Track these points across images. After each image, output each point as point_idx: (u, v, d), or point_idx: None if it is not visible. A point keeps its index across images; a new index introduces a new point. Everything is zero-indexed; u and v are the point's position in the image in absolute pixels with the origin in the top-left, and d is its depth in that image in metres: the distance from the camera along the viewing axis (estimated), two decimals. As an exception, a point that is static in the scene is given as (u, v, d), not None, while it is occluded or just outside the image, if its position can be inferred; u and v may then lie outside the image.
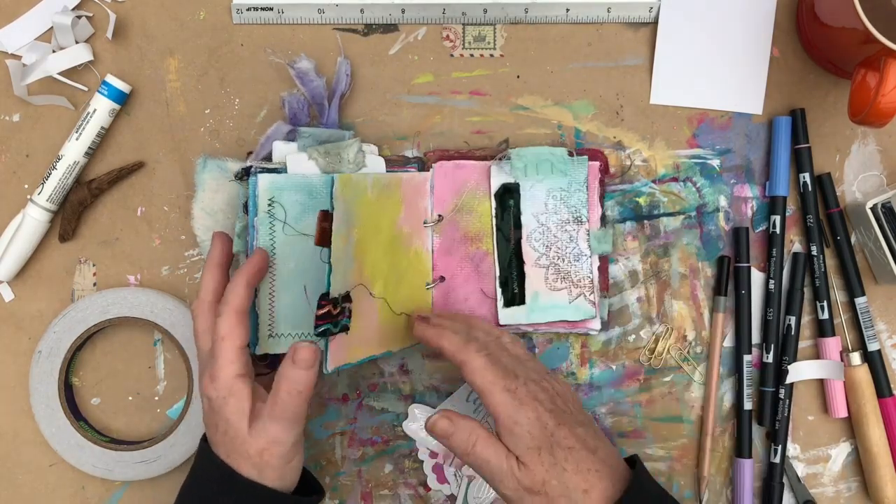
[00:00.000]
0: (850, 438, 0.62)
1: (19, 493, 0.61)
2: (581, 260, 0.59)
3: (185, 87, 0.61)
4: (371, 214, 0.55)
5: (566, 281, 0.59)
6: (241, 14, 0.60)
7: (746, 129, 0.61)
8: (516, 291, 0.59)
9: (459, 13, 0.60)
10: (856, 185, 0.61)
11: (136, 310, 0.60)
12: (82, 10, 0.60)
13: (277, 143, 0.59)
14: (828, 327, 0.60)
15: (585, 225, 0.59)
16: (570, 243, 0.59)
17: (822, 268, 0.60)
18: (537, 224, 0.59)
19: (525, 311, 0.59)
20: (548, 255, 0.59)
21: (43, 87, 0.60)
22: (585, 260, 0.59)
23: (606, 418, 0.61)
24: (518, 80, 0.61)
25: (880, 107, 0.50)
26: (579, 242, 0.59)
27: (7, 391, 0.61)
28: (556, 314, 0.59)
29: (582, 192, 0.59)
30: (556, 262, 0.59)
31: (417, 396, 0.61)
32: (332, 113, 0.59)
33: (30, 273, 0.61)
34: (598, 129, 0.61)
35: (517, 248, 0.59)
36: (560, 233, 0.59)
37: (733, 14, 0.60)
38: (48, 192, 0.59)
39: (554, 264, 0.59)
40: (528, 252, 0.59)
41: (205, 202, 0.60)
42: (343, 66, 0.59)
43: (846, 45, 0.55)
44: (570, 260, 0.59)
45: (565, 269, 0.59)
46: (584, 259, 0.59)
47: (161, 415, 0.62)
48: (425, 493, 0.61)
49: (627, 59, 0.61)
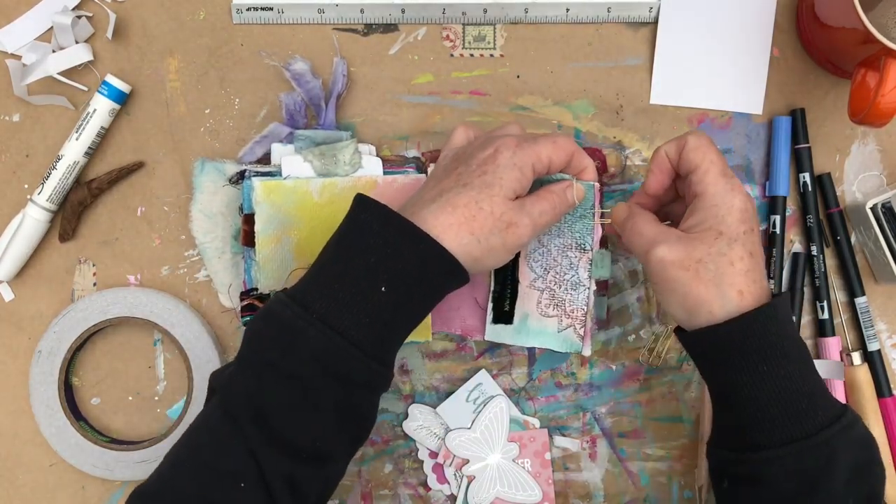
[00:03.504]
0: (850, 438, 0.62)
1: (19, 493, 0.61)
2: (578, 290, 0.57)
3: (185, 87, 0.61)
4: (322, 217, 0.57)
5: (559, 309, 0.57)
6: (240, 14, 0.60)
7: (746, 129, 0.61)
8: (506, 310, 0.58)
9: (459, 13, 0.60)
10: (856, 185, 0.61)
11: (136, 310, 0.60)
12: (82, 10, 0.60)
13: (276, 146, 0.59)
14: (828, 327, 0.60)
15: (588, 254, 0.56)
16: (569, 270, 0.57)
17: (822, 268, 0.60)
18: (538, 244, 0.57)
19: (511, 332, 0.58)
20: (544, 279, 0.57)
21: (43, 87, 0.60)
22: (583, 290, 0.57)
23: (606, 418, 0.61)
24: (518, 80, 0.61)
25: (880, 107, 0.50)
26: (579, 271, 0.57)
27: (7, 391, 0.61)
28: (542, 341, 0.57)
29: (588, 218, 0.56)
30: (553, 286, 0.57)
31: (417, 396, 0.61)
32: (329, 114, 0.59)
33: (30, 273, 0.61)
34: (598, 129, 0.61)
35: (514, 265, 0.57)
36: (560, 257, 0.57)
37: (733, 14, 0.60)
38: (48, 192, 0.59)
39: (549, 289, 0.57)
40: (525, 272, 0.57)
41: (203, 204, 0.60)
42: (339, 67, 0.59)
43: (846, 45, 0.55)
44: (566, 287, 0.57)
45: (560, 296, 0.57)
46: (582, 290, 0.57)
47: (161, 415, 0.62)
48: (425, 493, 0.61)
49: (627, 59, 0.61)
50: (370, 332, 0.45)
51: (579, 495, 0.61)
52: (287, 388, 0.45)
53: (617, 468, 0.61)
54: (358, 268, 0.45)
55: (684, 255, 0.47)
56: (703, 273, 0.46)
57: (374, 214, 0.46)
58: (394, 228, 0.46)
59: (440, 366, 0.61)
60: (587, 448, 0.61)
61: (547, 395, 0.61)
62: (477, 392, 0.61)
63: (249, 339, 0.46)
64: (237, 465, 0.44)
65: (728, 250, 0.47)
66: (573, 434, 0.61)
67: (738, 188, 0.48)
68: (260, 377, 0.45)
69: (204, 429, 0.47)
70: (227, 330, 0.61)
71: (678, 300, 0.47)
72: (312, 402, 0.45)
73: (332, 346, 0.44)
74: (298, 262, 0.57)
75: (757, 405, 0.46)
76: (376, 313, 0.45)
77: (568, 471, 0.61)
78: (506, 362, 0.61)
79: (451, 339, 0.61)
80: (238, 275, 0.60)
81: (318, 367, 0.44)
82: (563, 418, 0.61)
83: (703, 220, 0.48)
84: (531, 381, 0.61)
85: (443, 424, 0.61)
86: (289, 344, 0.44)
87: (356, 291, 0.45)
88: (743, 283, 0.46)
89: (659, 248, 0.48)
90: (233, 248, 0.60)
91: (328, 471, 0.48)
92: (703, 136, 0.50)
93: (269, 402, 0.45)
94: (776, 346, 0.46)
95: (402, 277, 0.46)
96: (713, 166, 0.48)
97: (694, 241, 0.47)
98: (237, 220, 0.59)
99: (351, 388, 0.45)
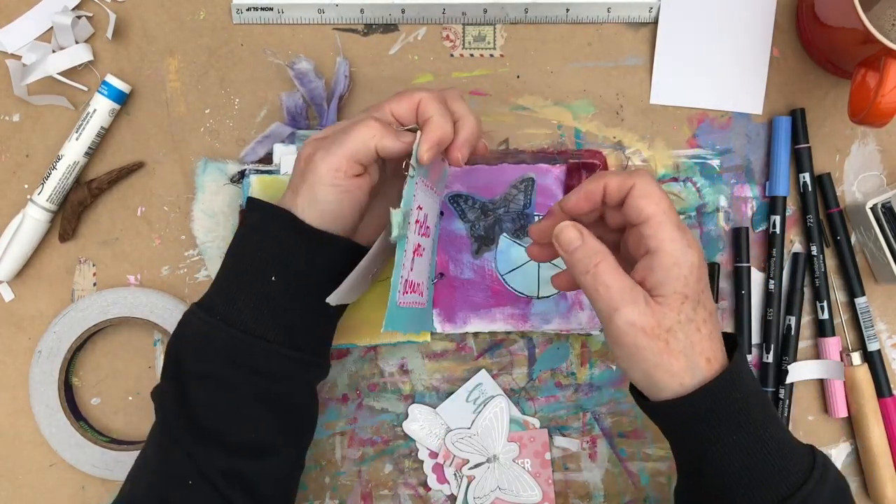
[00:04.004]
0: (850, 438, 0.62)
1: (19, 493, 0.61)
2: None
3: (185, 87, 0.61)
4: None
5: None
6: (241, 14, 0.60)
7: (746, 129, 0.61)
8: None
9: (459, 13, 0.60)
10: (856, 185, 0.61)
11: (136, 310, 0.60)
12: (82, 10, 0.60)
13: (277, 146, 0.59)
14: (828, 327, 0.60)
15: None
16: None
17: (822, 268, 0.60)
18: None
19: None
20: None
21: (43, 87, 0.60)
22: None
23: (606, 418, 0.61)
24: (518, 80, 0.61)
25: (880, 107, 0.50)
26: None
27: (7, 391, 0.61)
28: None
29: None
30: None
31: (417, 396, 0.61)
32: (331, 114, 0.59)
33: (30, 273, 0.61)
34: (598, 129, 0.61)
35: None
36: None
37: (733, 14, 0.60)
38: (48, 192, 0.59)
39: None
40: None
41: (205, 204, 0.60)
42: (342, 67, 0.59)
43: (846, 45, 0.55)
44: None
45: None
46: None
47: (161, 415, 0.62)
48: (425, 493, 0.61)
49: (627, 59, 0.61)
50: (274, 323, 0.47)
51: (579, 495, 0.61)
52: (207, 388, 0.47)
53: (617, 468, 0.61)
54: (249, 264, 0.48)
55: (655, 323, 0.43)
56: (674, 344, 0.44)
57: (260, 213, 0.49)
58: (273, 220, 0.48)
59: (440, 366, 0.61)
60: (587, 448, 0.61)
61: (547, 395, 0.61)
62: (477, 392, 0.61)
63: (168, 353, 0.49)
64: (180, 467, 0.47)
65: (694, 315, 0.44)
66: (573, 434, 0.61)
67: (692, 242, 0.45)
68: (182, 383, 0.47)
69: (148, 443, 0.49)
70: (227, 330, 0.61)
71: (646, 369, 0.44)
72: (233, 397, 0.47)
73: (238, 343, 0.47)
74: None
75: (730, 474, 0.45)
76: (272, 303, 0.47)
77: (568, 471, 0.61)
78: (506, 362, 0.61)
79: (451, 338, 0.61)
80: (238, 275, 0.60)
81: (231, 364, 0.47)
82: (563, 418, 0.61)
83: (664, 280, 0.44)
84: (531, 381, 0.61)
85: (443, 424, 0.61)
86: (201, 348, 0.47)
87: (250, 288, 0.47)
88: (709, 349, 0.45)
89: (628, 310, 0.43)
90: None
91: (276, 462, 0.49)
92: (650, 180, 0.45)
93: (194, 404, 0.47)
94: (743, 410, 0.44)
95: (286, 263, 0.48)
96: (666, 219, 0.44)
97: (663, 308, 0.44)
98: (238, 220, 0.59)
99: (268, 378, 0.48)
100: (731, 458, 0.44)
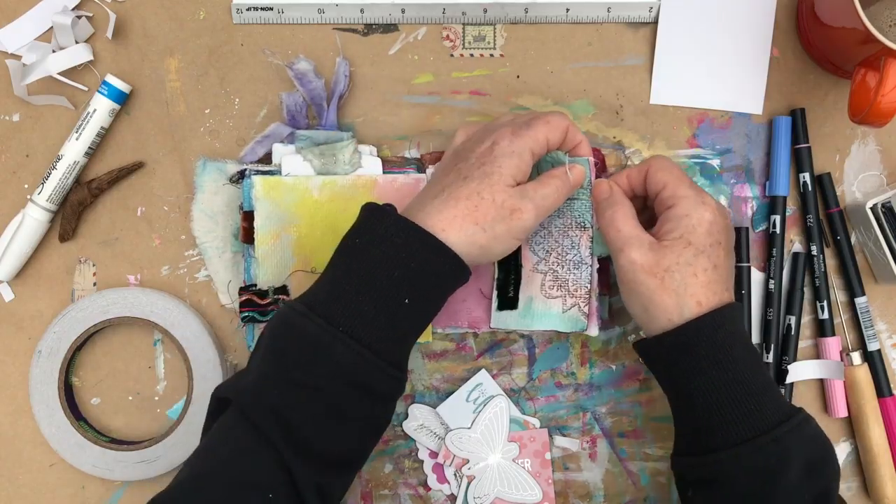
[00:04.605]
0: (850, 438, 0.62)
1: (19, 493, 0.61)
2: (581, 268, 0.57)
3: (185, 87, 0.61)
4: (321, 215, 0.57)
5: (562, 289, 0.57)
6: (241, 14, 0.60)
7: (746, 129, 0.61)
8: (511, 296, 0.58)
9: (459, 13, 0.60)
10: (856, 184, 0.61)
11: (136, 310, 0.60)
12: (82, 10, 0.60)
13: (277, 146, 0.59)
14: (828, 327, 0.60)
15: (589, 231, 0.57)
16: (571, 249, 0.57)
17: (822, 268, 0.60)
18: (539, 227, 0.57)
19: (517, 316, 0.58)
20: (547, 261, 0.57)
21: (43, 87, 0.60)
22: (585, 268, 0.57)
23: (606, 418, 0.61)
24: (518, 80, 0.61)
25: (880, 107, 0.50)
26: (581, 249, 0.57)
27: (7, 391, 0.61)
28: (547, 323, 0.57)
29: (586, 196, 0.56)
30: (555, 268, 0.57)
31: (417, 396, 0.61)
32: (331, 114, 0.59)
33: (30, 273, 0.61)
34: (597, 129, 0.61)
35: (517, 251, 0.57)
36: (562, 238, 0.57)
37: (733, 14, 0.60)
38: (48, 192, 0.59)
39: (552, 270, 0.57)
40: (528, 256, 0.58)
41: (204, 204, 0.60)
42: (342, 67, 0.59)
43: (846, 45, 0.55)
44: (569, 267, 0.57)
45: (563, 276, 0.57)
46: (585, 267, 0.57)
47: (161, 415, 0.62)
48: (425, 493, 0.61)
49: (627, 59, 0.61)
50: (393, 344, 0.47)
51: (579, 495, 0.61)
52: (314, 401, 0.45)
53: (617, 468, 0.61)
54: (381, 280, 0.46)
55: (654, 263, 0.49)
56: (669, 282, 0.49)
57: (394, 226, 0.47)
58: (415, 239, 0.47)
59: (440, 366, 0.61)
60: (587, 448, 0.61)
61: (547, 395, 0.61)
62: (477, 392, 0.61)
63: (270, 351, 0.46)
64: (266, 477, 0.45)
65: (694, 261, 0.49)
66: (573, 434, 0.61)
67: (710, 203, 0.51)
68: (286, 391, 0.45)
69: (226, 441, 0.46)
70: (227, 330, 0.61)
71: (642, 303, 0.50)
72: (340, 414, 0.46)
73: (360, 361, 0.45)
74: (297, 259, 0.57)
75: (710, 409, 0.48)
76: (400, 325, 0.47)
77: (568, 471, 0.61)
78: (506, 362, 0.61)
79: (451, 338, 0.61)
80: (238, 273, 0.60)
81: (346, 381, 0.45)
82: (563, 418, 0.61)
83: (673, 228, 0.50)
84: (531, 380, 0.61)
85: (443, 424, 0.61)
86: (313, 357, 0.45)
87: (381, 305, 0.46)
88: (702, 294, 0.49)
89: (632, 250, 0.50)
90: (233, 246, 0.60)
91: (353, 475, 0.50)
92: (663, 157, 0.53)
93: (297, 415, 0.45)
94: (725, 350, 0.48)
95: (422, 287, 0.47)
96: (680, 182, 0.51)
97: (664, 250, 0.49)
98: (237, 219, 0.59)
99: (376, 398, 0.47)
100: (711, 394, 0.48)
